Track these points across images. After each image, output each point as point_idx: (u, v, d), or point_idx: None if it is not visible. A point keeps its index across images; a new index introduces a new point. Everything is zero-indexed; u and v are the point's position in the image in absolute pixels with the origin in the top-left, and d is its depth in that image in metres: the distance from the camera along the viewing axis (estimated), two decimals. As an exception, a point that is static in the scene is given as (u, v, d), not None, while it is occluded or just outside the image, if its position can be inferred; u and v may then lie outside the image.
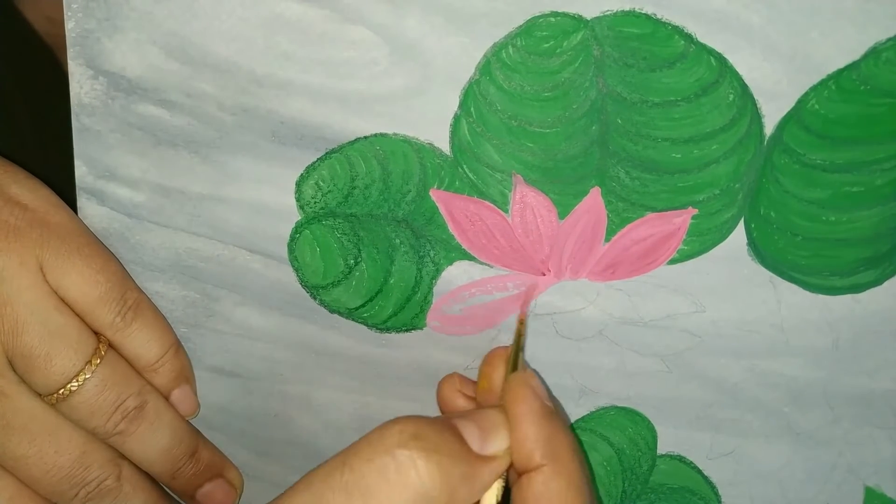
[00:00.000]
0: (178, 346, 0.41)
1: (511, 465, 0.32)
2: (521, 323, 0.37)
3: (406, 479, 0.29)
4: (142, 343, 0.39)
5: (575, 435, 0.37)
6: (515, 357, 0.36)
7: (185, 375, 0.41)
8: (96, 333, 0.38)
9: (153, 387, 0.40)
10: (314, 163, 0.36)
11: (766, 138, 0.35)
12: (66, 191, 0.39)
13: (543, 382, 0.36)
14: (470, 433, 0.31)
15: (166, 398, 0.40)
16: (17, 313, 0.36)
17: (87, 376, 0.37)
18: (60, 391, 0.37)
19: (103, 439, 0.39)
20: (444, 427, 0.31)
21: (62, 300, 0.37)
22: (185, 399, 0.41)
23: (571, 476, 0.32)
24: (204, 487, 0.42)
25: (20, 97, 0.47)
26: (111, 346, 0.38)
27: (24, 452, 0.37)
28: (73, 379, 0.37)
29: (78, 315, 0.38)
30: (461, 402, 0.38)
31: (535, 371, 0.37)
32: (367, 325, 0.40)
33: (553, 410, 0.33)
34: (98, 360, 0.37)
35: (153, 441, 0.39)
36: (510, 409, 0.33)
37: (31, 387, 0.37)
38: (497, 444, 0.32)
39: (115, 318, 0.38)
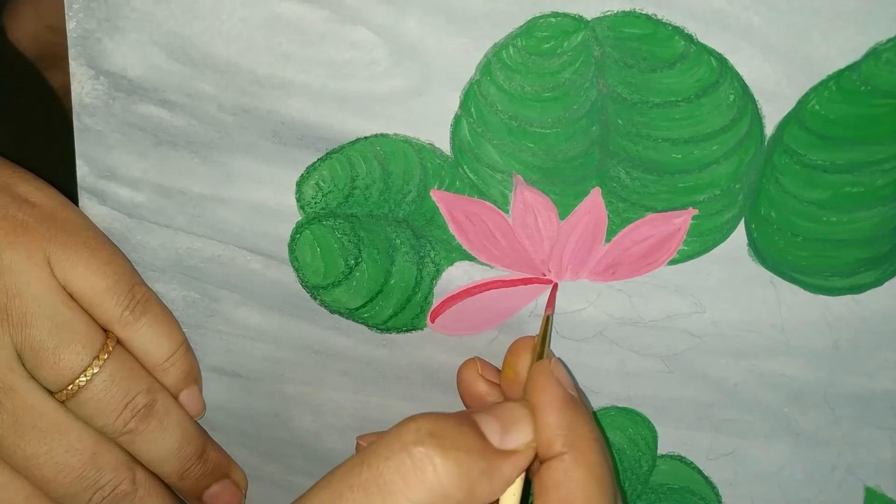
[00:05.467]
0: (187, 346, 0.40)
1: (535, 457, 0.32)
2: (547, 317, 0.37)
3: (423, 477, 0.29)
4: (151, 340, 0.39)
5: (599, 425, 0.37)
6: (541, 347, 0.35)
7: (194, 376, 0.41)
8: (105, 330, 0.38)
9: (162, 385, 0.40)
10: (315, 163, 0.37)
11: (767, 139, 0.35)
12: (67, 191, 0.39)
13: (570, 373, 0.35)
14: (490, 427, 0.31)
15: (175, 398, 0.40)
16: (25, 306, 0.36)
17: (95, 371, 0.37)
18: (69, 387, 0.37)
19: (113, 438, 0.38)
20: (462, 422, 0.31)
21: (70, 295, 0.37)
22: (193, 400, 0.41)
23: (591, 465, 0.31)
24: (211, 488, 0.42)
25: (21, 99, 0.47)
26: (120, 342, 0.38)
27: (34, 451, 0.37)
28: (80, 374, 0.37)
29: (86, 309, 0.38)
30: (482, 387, 0.38)
31: (560, 360, 0.36)
32: (367, 325, 0.40)
33: (576, 399, 0.33)
34: (105, 355, 0.37)
35: (163, 440, 0.39)
36: (533, 398, 0.33)
37: (41, 382, 0.37)
38: (518, 437, 0.32)
39: (124, 312, 0.38)
